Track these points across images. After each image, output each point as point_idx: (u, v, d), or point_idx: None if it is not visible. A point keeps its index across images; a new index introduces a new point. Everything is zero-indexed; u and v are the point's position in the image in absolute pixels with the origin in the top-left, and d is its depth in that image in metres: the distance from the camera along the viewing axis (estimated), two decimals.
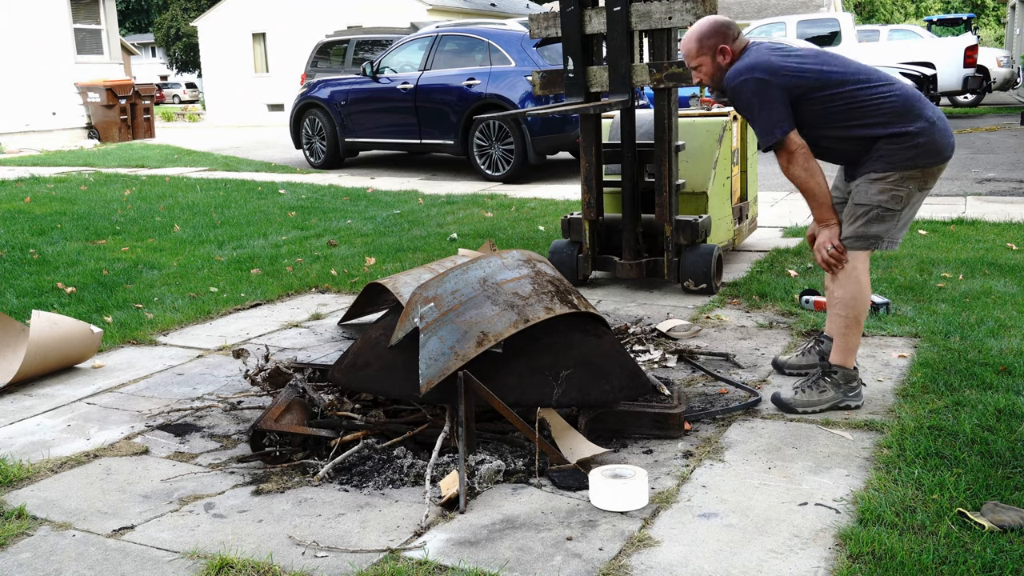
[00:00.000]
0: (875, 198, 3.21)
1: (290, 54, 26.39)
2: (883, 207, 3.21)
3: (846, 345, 3.34)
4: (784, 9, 32.14)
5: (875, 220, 3.23)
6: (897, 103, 3.18)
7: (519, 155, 10.18)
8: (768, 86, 3.16)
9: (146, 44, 55.89)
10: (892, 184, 3.19)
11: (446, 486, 2.72)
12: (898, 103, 3.18)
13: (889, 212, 3.22)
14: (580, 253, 5.34)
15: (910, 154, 3.17)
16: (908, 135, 3.15)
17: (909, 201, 3.24)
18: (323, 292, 5.44)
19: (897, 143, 3.17)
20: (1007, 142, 12.48)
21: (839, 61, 3.28)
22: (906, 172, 3.18)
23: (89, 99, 18.31)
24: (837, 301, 3.34)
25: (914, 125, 3.16)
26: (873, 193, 3.21)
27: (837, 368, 3.34)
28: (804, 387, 3.37)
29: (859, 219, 3.25)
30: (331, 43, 15.82)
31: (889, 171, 3.19)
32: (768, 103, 3.17)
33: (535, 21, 5.20)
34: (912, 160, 3.17)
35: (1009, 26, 34.43)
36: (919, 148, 3.16)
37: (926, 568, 2.25)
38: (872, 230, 3.24)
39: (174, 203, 8.90)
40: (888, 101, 3.18)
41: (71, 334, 3.98)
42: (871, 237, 3.25)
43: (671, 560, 2.36)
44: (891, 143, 3.17)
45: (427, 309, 3.02)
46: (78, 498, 2.82)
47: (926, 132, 3.16)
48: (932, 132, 3.17)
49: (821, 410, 3.31)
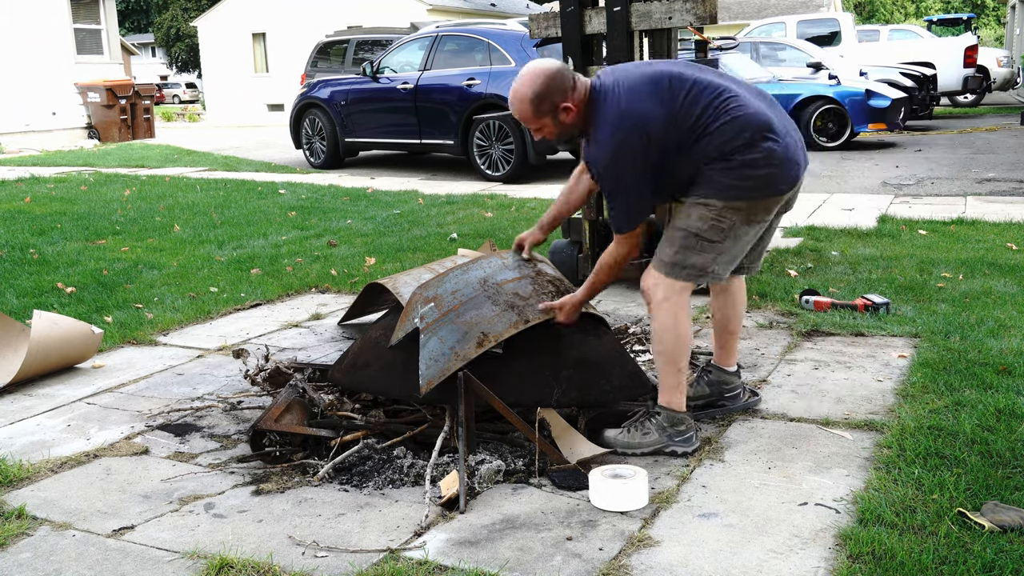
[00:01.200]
0: (694, 223, 2.88)
1: (290, 54, 26.38)
2: (701, 236, 2.87)
3: (665, 383, 2.99)
4: (784, 9, 32.13)
5: (691, 250, 2.88)
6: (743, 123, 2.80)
7: (519, 155, 10.18)
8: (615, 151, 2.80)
9: (146, 44, 55.88)
10: (714, 214, 2.85)
11: (446, 486, 2.72)
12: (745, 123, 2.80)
13: (708, 243, 2.87)
14: (580, 253, 5.34)
15: (737, 183, 2.82)
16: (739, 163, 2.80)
17: (733, 233, 2.88)
18: (323, 292, 5.44)
19: (725, 170, 2.82)
20: (1007, 142, 12.48)
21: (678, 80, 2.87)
22: (731, 203, 2.84)
23: (89, 99, 18.32)
24: (653, 337, 3.01)
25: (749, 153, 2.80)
26: (693, 219, 2.88)
27: (661, 409, 3.00)
28: (630, 427, 3.04)
29: (675, 244, 2.91)
30: (331, 43, 15.83)
31: (712, 199, 2.84)
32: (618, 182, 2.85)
33: (535, 21, 5.20)
34: (737, 190, 2.83)
35: (1009, 26, 34.43)
36: (749, 178, 2.82)
37: (926, 568, 2.25)
38: (690, 259, 2.89)
39: (174, 203, 8.90)
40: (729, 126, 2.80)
41: (71, 334, 3.98)
42: (688, 266, 2.90)
43: (671, 560, 2.36)
44: (718, 168, 2.82)
45: (427, 309, 3.02)
46: (78, 498, 2.82)
47: (761, 163, 2.80)
48: (770, 161, 2.81)
49: (643, 453, 2.98)
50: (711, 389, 3.34)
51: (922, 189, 8.75)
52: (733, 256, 2.96)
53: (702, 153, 2.82)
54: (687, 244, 2.89)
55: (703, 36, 4.91)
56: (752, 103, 2.86)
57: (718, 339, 3.37)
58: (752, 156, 2.80)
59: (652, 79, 2.87)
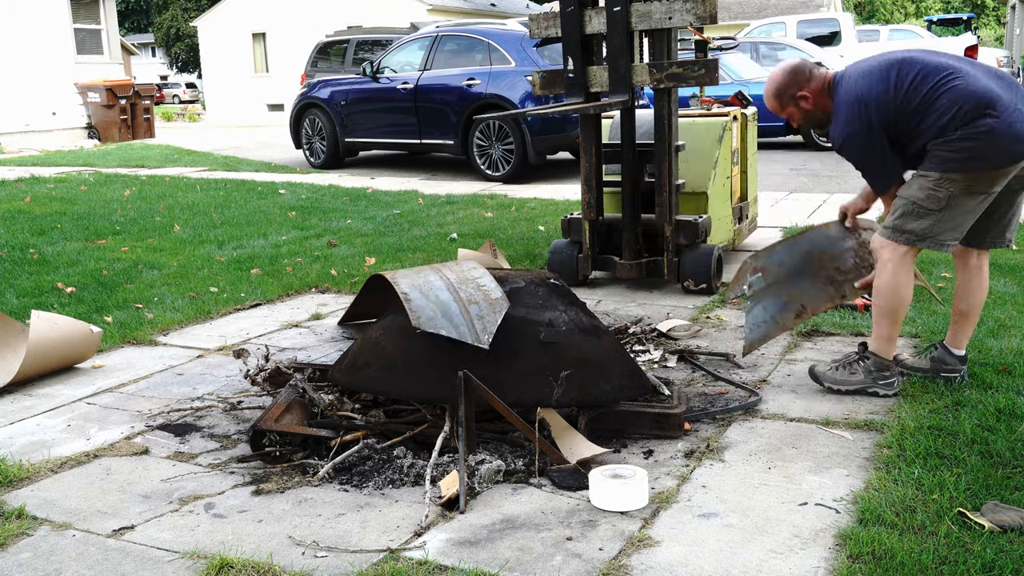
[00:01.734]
0: (913, 192, 3.21)
1: (290, 54, 26.40)
2: (918, 204, 3.19)
3: (878, 333, 3.40)
4: (784, 9, 32.14)
5: (910, 216, 3.21)
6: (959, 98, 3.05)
7: (519, 155, 10.18)
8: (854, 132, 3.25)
9: (146, 44, 55.89)
10: (932, 183, 3.15)
11: (446, 486, 2.72)
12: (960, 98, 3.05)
13: (925, 211, 3.17)
14: (580, 253, 5.34)
15: (953, 155, 3.08)
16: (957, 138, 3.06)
17: (951, 203, 3.14)
18: (323, 292, 5.44)
19: (944, 143, 3.09)
20: None
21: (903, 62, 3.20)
22: (947, 174, 3.11)
23: (89, 99, 18.32)
24: (875, 291, 3.38)
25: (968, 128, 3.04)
26: (914, 189, 3.22)
27: (871, 355, 3.42)
28: (839, 365, 3.49)
29: (897, 211, 3.26)
30: (331, 43, 15.83)
31: (931, 170, 3.15)
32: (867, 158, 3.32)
33: (535, 21, 5.20)
34: (953, 162, 3.09)
35: (1009, 26, 34.43)
36: (964, 151, 3.05)
37: (926, 568, 2.25)
38: (908, 225, 3.22)
39: (174, 203, 8.90)
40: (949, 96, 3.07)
41: (71, 334, 3.98)
42: (906, 231, 3.23)
43: (671, 560, 2.36)
44: (939, 143, 3.11)
45: (755, 279, 3.55)
46: (78, 498, 2.82)
47: (979, 136, 3.02)
48: (987, 136, 3.02)
49: (847, 391, 3.42)
50: (932, 365, 3.57)
51: None
52: (955, 225, 3.21)
53: (927, 131, 3.12)
54: (906, 211, 3.23)
55: (703, 36, 4.91)
56: (978, 80, 3.08)
57: (952, 318, 3.61)
58: (970, 130, 3.04)
59: (883, 65, 3.24)
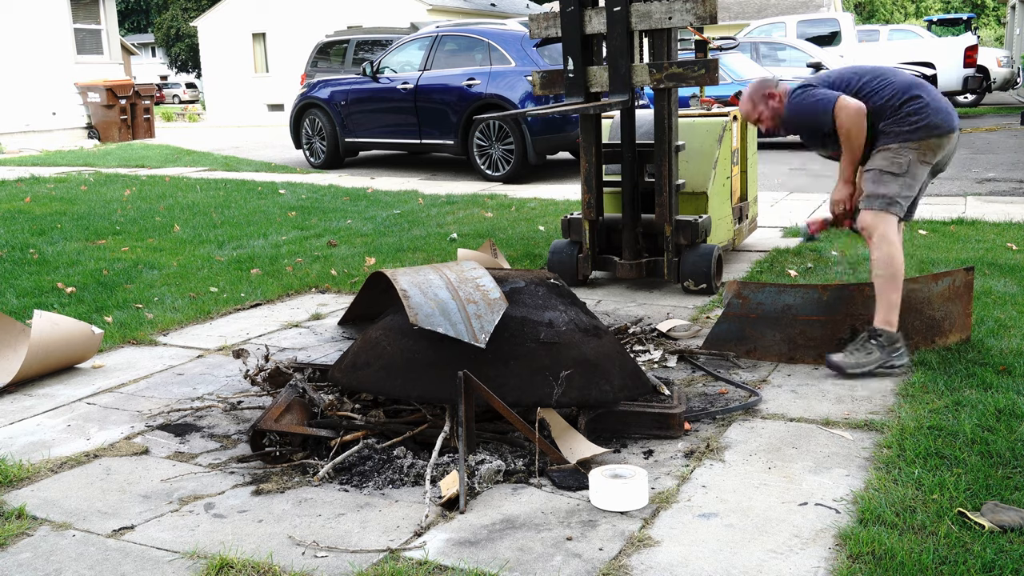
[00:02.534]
0: (878, 163, 3.74)
1: (290, 54, 26.41)
2: (885, 171, 3.70)
3: (888, 303, 3.66)
4: (784, 9, 32.14)
5: (879, 183, 3.70)
6: (896, 92, 3.73)
7: (519, 155, 10.18)
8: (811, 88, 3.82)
9: (146, 44, 55.90)
10: (892, 153, 3.71)
11: (446, 486, 2.72)
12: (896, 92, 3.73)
13: (891, 175, 3.70)
14: (580, 253, 5.34)
15: (906, 128, 3.69)
16: (902, 115, 3.69)
17: (910, 169, 3.70)
18: (323, 292, 5.44)
19: (895, 121, 3.71)
20: (1007, 142, 12.48)
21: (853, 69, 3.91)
22: (904, 144, 3.70)
23: (89, 99, 18.32)
24: (873, 264, 3.70)
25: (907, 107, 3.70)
26: (878, 160, 3.74)
27: (881, 331, 3.64)
28: (852, 350, 3.67)
29: (868, 183, 3.75)
30: (331, 43, 15.83)
31: (890, 143, 3.73)
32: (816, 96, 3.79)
33: (535, 21, 5.20)
34: (907, 134, 3.69)
35: (1009, 26, 34.43)
36: (913, 124, 3.68)
37: (926, 568, 2.25)
38: (880, 190, 3.70)
39: (174, 203, 8.90)
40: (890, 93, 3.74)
41: (72, 334, 3.98)
42: (880, 196, 3.70)
43: (671, 560, 2.36)
44: (890, 122, 3.72)
45: (735, 302, 3.93)
46: (78, 498, 2.82)
47: (919, 111, 3.69)
48: (926, 111, 3.68)
49: (869, 371, 3.62)
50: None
51: None
52: (912, 193, 3.74)
53: (879, 117, 3.73)
54: (876, 179, 3.72)
55: (703, 36, 4.90)
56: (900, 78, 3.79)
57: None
58: (913, 106, 3.69)
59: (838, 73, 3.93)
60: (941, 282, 3.88)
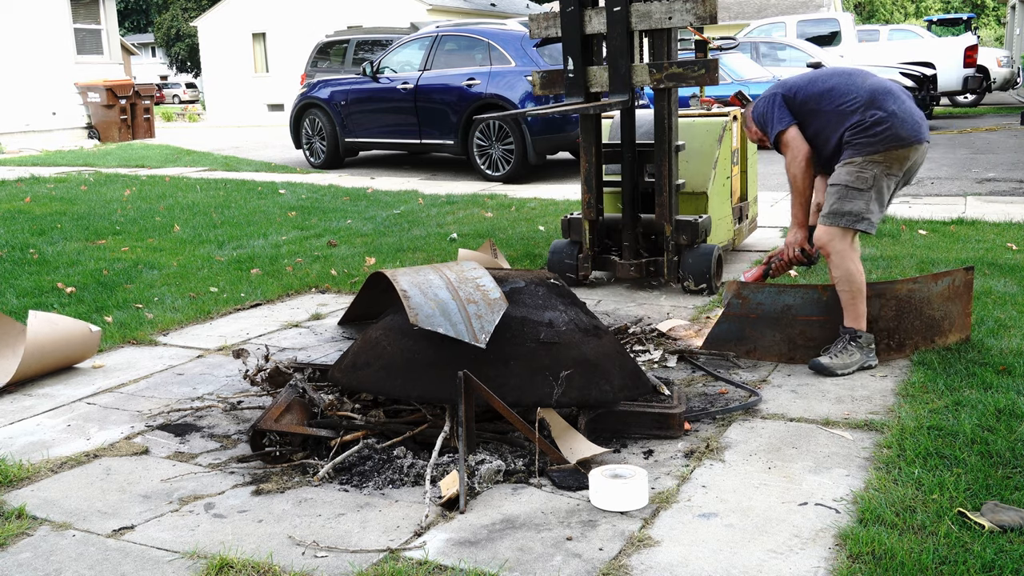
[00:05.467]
0: (843, 178, 3.67)
1: (290, 54, 26.40)
2: (850, 187, 3.64)
3: (855, 313, 3.73)
4: (784, 9, 32.14)
5: (845, 199, 3.66)
6: (860, 100, 3.66)
7: (519, 155, 10.18)
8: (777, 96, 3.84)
9: (146, 44, 55.89)
10: (857, 167, 3.65)
11: (446, 486, 2.72)
12: (860, 99, 3.66)
13: (857, 191, 3.64)
14: (580, 253, 5.34)
15: (871, 140, 3.62)
16: (866, 125, 3.62)
17: (875, 184, 3.64)
18: (323, 292, 5.44)
19: (860, 132, 3.64)
20: (1007, 142, 12.48)
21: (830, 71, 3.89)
22: (869, 157, 3.63)
23: (89, 99, 18.32)
24: (835, 281, 3.74)
25: (871, 116, 3.62)
26: (843, 175, 3.67)
27: (860, 332, 3.72)
28: (835, 353, 3.72)
29: (831, 198, 3.70)
30: (331, 43, 15.83)
31: (855, 156, 3.65)
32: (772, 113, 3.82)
33: (535, 21, 5.20)
34: (872, 145, 3.62)
35: (1009, 26, 34.43)
36: (878, 136, 3.61)
37: (926, 568, 2.25)
38: (845, 207, 3.66)
39: (174, 203, 8.90)
40: (853, 99, 3.68)
41: (70, 334, 3.98)
42: (845, 213, 3.65)
43: (671, 560, 2.36)
44: (855, 132, 3.65)
45: (735, 301, 3.91)
46: (78, 498, 2.82)
47: (884, 121, 3.61)
48: (891, 121, 3.60)
49: (852, 371, 3.68)
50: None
51: (922, 189, 8.74)
52: (879, 208, 3.68)
53: (841, 124, 3.67)
54: (841, 195, 3.67)
55: (703, 36, 4.90)
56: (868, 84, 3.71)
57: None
58: (878, 116, 3.61)
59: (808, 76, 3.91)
60: (941, 282, 3.88)
